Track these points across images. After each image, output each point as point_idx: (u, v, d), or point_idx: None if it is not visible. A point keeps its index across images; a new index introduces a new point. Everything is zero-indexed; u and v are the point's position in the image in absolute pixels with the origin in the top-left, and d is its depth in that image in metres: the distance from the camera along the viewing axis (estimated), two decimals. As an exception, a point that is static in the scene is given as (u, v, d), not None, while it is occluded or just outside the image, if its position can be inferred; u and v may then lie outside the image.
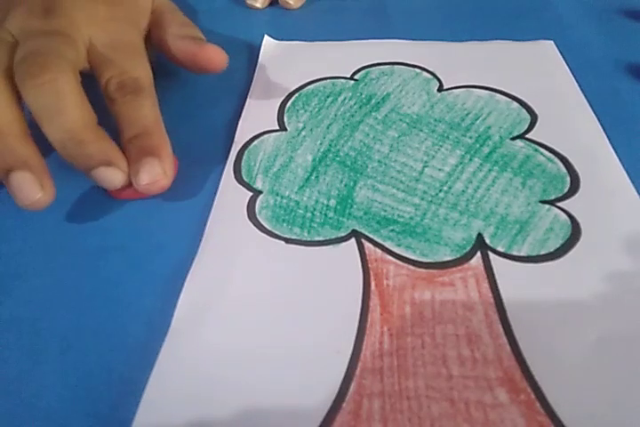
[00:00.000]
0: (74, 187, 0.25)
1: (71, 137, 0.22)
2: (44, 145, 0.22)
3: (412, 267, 0.21)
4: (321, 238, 0.22)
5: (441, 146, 0.26)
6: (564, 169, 0.25)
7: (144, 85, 0.25)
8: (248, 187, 0.25)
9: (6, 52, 0.23)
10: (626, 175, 0.24)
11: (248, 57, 0.33)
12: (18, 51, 0.23)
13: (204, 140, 0.27)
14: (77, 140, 0.22)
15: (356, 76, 0.30)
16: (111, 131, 0.23)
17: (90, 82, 0.24)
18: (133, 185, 0.22)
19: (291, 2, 0.36)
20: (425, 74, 0.30)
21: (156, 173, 0.22)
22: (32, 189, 0.21)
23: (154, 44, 0.28)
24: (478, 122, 0.27)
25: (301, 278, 0.21)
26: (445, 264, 0.21)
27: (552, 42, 0.32)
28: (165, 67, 0.29)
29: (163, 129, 0.24)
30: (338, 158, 0.26)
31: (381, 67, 0.31)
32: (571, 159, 0.25)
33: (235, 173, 0.25)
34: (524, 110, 0.28)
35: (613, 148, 0.25)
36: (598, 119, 0.27)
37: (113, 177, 0.22)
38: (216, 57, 0.27)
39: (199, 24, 0.30)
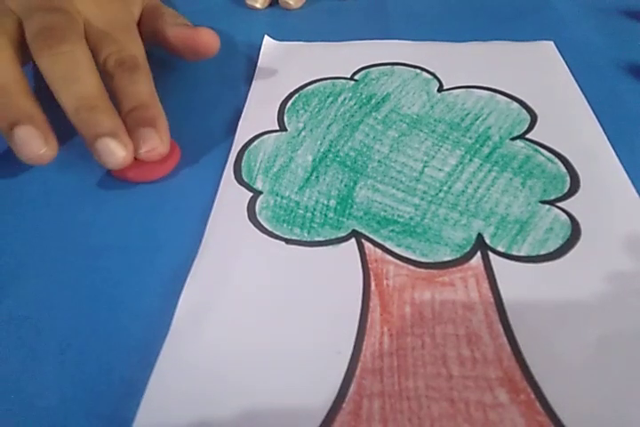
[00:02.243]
0: (74, 187, 0.25)
1: (85, 103, 0.23)
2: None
3: (412, 267, 0.21)
4: (321, 239, 0.22)
5: (441, 146, 0.26)
6: (563, 169, 0.25)
7: (140, 62, 0.26)
8: (248, 187, 0.25)
9: (12, 23, 0.24)
10: (626, 175, 0.24)
11: (248, 57, 0.33)
12: (27, 25, 0.24)
13: (204, 141, 0.27)
14: (90, 106, 0.23)
15: (356, 77, 0.30)
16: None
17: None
18: (134, 155, 0.24)
19: (291, 2, 0.36)
20: (425, 74, 0.30)
21: (154, 142, 0.24)
22: (37, 142, 0.22)
23: (147, 35, 0.29)
24: (478, 122, 0.27)
25: (301, 279, 0.21)
26: (445, 264, 0.21)
27: (552, 42, 0.32)
28: (165, 68, 0.29)
29: (158, 102, 0.25)
30: (338, 159, 0.26)
31: (381, 67, 0.31)
32: (571, 159, 0.25)
33: (235, 173, 0.25)
34: (523, 110, 0.28)
35: (613, 148, 0.25)
36: (598, 119, 0.27)
37: (115, 150, 0.23)
38: (211, 40, 0.28)
39: (199, 24, 0.30)
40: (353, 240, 0.22)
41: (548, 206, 0.23)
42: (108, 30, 0.26)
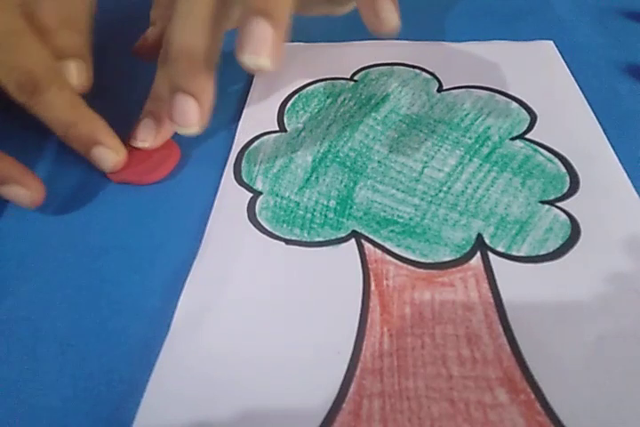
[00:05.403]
0: (73, 187, 0.25)
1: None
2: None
3: (411, 267, 0.21)
4: (321, 239, 0.22)
5: (440, 146, 0.26)
6: (563, 169, 0.25)
7: (40, 79, 0.22)
8: (248, 188, 0.25)
9: None
10: (625, 175, 0.24)
11: (248, 58, 0.33)
12: None
13: (204, 141, 0.27)
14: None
15: (355, 77, 0.30)
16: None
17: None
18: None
19: (290, 2, 0.36)
20: (424, 74, 0.30)
21: (110, 158, 0.24)
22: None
23: None
24: (478, 122, 0.27)
25: (301, 279, 0.21)
26: (445, 264, 0.21)
27: (552, 42, 0.32)
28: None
29: (85, 113, 0.24)
30: (337, 159, 0.26)
31: (381, 67, 0.31)
32: (570, 159, 0.25)
33: (235, 174, 0.25)
34: (523, 110, 0.28)
35: (613, 148, 0.25)
36: (598, 119, 0.27)
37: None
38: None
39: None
40: (353, 241, 0.22)
41: (547, 206, 0.23)
42: None
